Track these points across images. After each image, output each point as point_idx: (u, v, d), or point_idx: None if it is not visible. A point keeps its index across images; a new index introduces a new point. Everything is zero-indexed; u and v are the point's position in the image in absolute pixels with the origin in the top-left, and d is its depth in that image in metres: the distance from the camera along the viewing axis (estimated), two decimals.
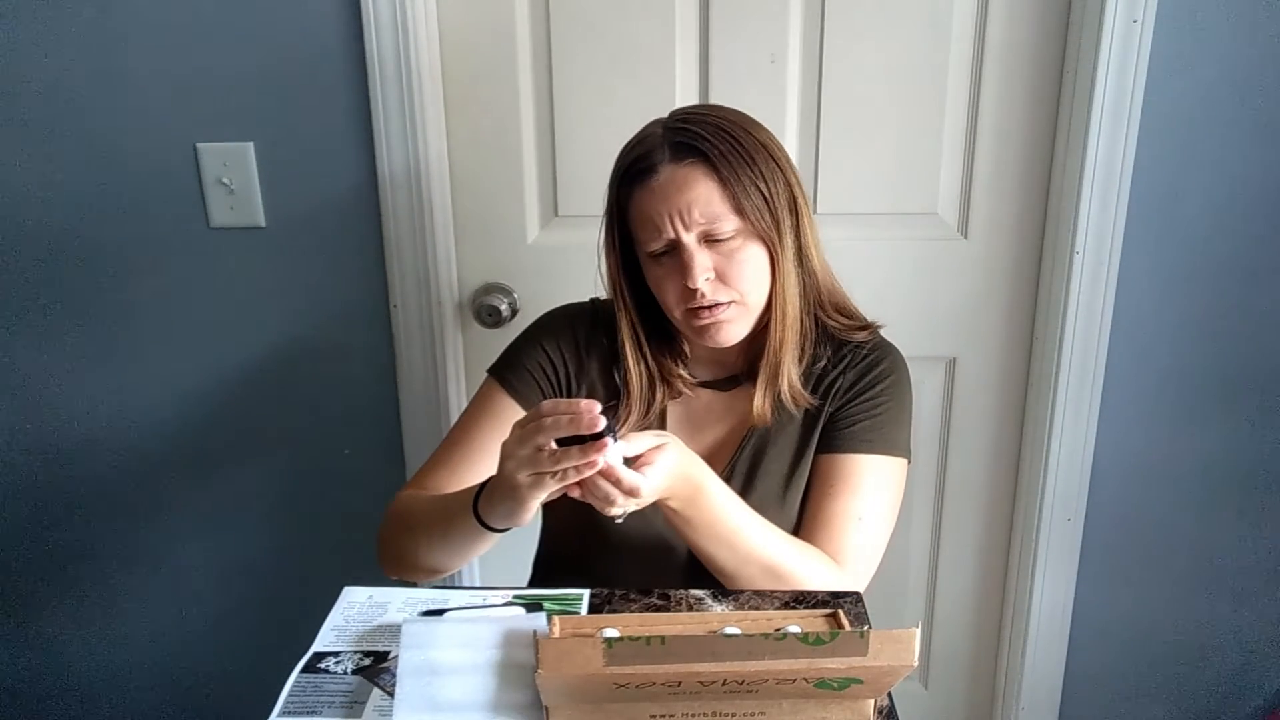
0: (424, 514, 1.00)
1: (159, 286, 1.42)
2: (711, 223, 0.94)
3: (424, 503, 1.01)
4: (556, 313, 1.14)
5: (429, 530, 0.97)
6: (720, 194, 0.94)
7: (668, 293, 0.99)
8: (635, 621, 0.78)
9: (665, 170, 0.95)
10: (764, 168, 0.96)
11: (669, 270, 0.98)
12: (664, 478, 0.87)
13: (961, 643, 1.63)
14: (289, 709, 0.74)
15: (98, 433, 1.50)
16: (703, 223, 0.94)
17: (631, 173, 0.98)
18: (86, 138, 1.35)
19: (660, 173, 0.95)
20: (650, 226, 0.96)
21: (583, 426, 0.77)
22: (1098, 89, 1.26)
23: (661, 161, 0.96)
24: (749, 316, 1.00)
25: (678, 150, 0.96)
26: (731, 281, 0.97)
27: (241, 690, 1.61)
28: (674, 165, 0.95)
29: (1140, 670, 1.56)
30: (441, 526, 0.95)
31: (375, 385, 1.46)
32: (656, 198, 0.95)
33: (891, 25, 1.31)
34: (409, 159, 1.33)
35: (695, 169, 0.95)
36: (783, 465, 1.06)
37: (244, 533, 1.55)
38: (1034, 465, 1.45)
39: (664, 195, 0.95)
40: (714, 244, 0.96)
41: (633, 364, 1.05)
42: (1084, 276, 1.34)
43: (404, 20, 1.27)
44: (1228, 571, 1.49)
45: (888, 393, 1.06)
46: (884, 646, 0.65)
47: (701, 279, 0.95)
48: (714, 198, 0.94)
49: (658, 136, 0.98)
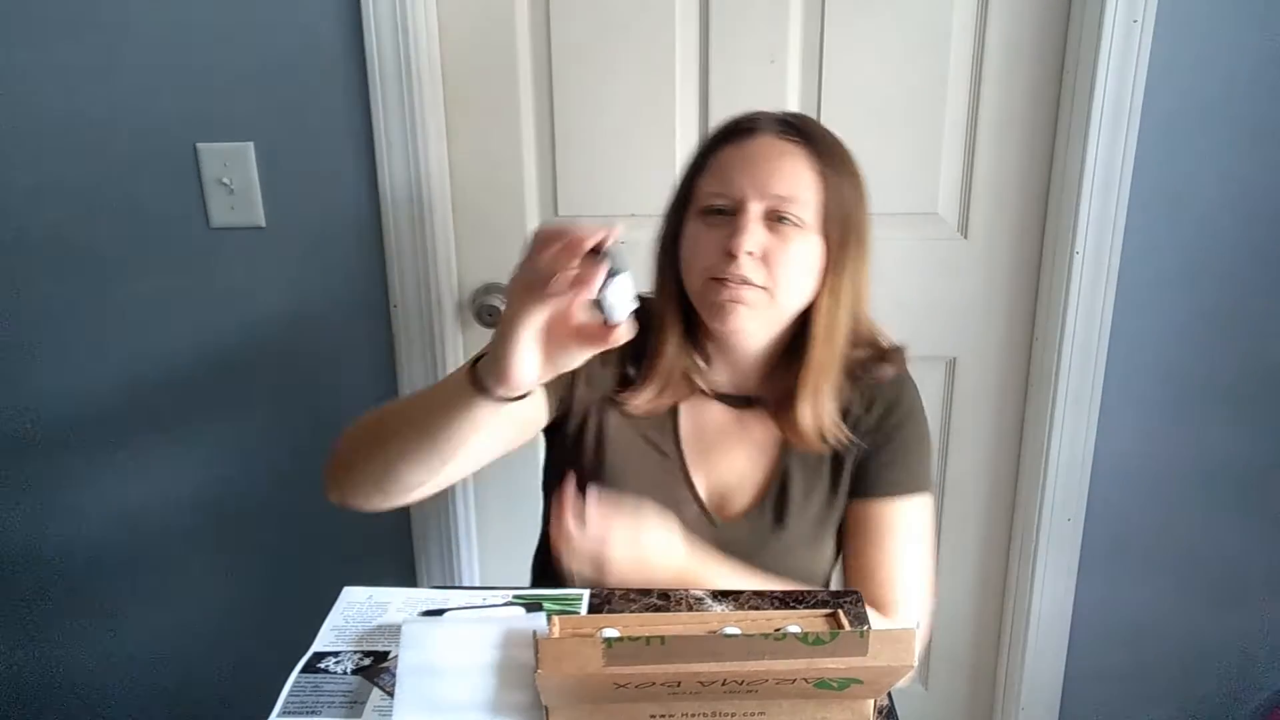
0: (400, 406, 0.91)
1: (159, 286, 1.42)
2: (786, 201, 0.92)
3: (399, 401, 0.94)
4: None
5: (409, 418, 0.85)
6: (808, 179, 0.93)
7: (702, 251, 0.94)
8: (635, 621, 0.78)
9: (765, 137, 0.94)
10: (855, 187, 0.97)
11: (715, 233, 0.93)
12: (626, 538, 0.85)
13: (961, 643, 1.63)
14: (289, 709, 0.74)
15: (97, 431, 1.50)
16: (777, 196, 0.92)
17: (729, 131, 0.97)
18: (86, 137, 1.35)
19: (760, 137, 0.94)
20: (723, 179, 0.94)
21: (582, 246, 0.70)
22: (1098, 89, 1.26)
23: (765, 130, 0.95)
24: (770, 312, 0.95)
25: (785, 127, 0.95)
26: (773, 267, 0.92)
27: (241, 690, 1.61)
28: (775, 137, 0.94)
29: (1140, 670, 1.56)
30: (424, 409, 0.83)
31: (375, 385, 1.46)
32: (745, 155, 0.94)
33: (891, 25, 1.31)
34: (409, 159, 1.33)
35: (795, 147, 0.94)
36: (815, 506, 1.03)
37: (244, 532, 1.55)
38: (1034, 465, 1.45)
39: (753, 157, 0.93)
40: (774, 225, 0.93)
41: (670, 338, 1.00)
42: (1084, 276, 1.34)
43: (404, 20, 1.27)
44: (1228, 572, 1.49)
45: (915, 430, 1.05)
46: (883, 646, 0.65)
47: (748, 248, 0.91)
48: (801, 179, 0.93)
49: (770, 114, 0.98)
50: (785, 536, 1.01)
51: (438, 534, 1.52)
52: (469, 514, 1.55)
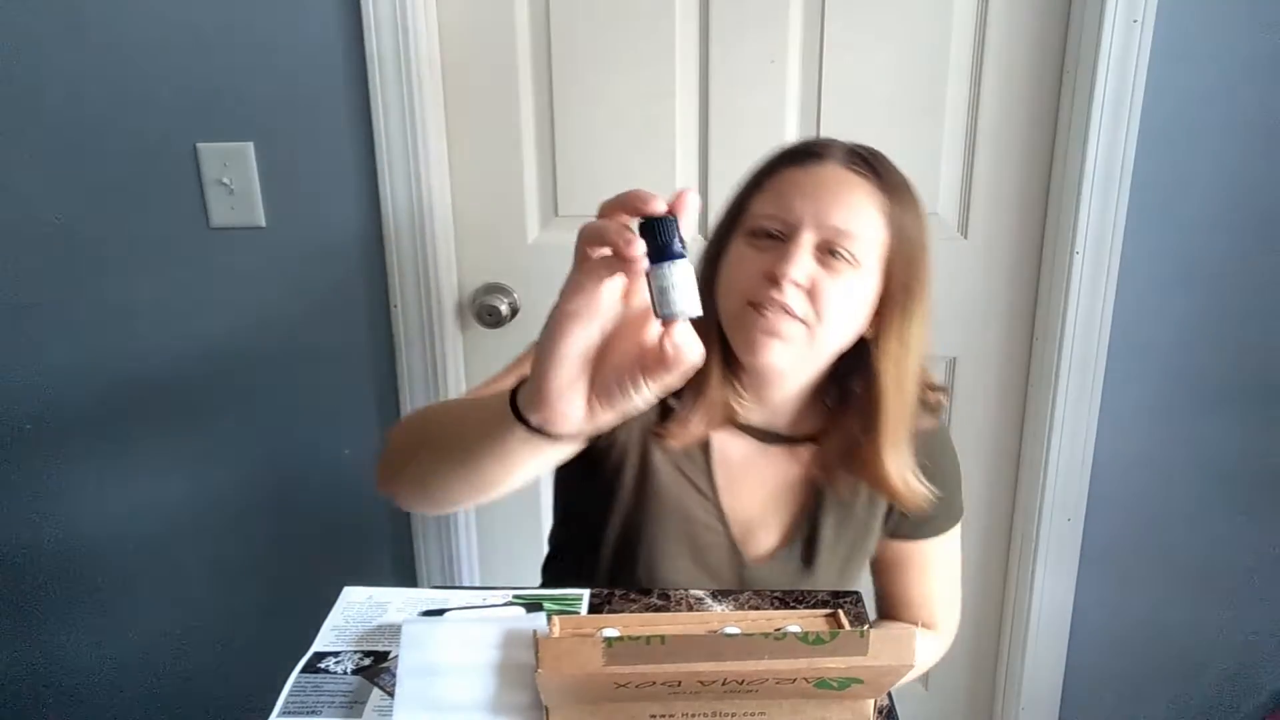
0: (447, 417, 0.82)
1: (159, 286, 1.42)
2: (843, 235, 0.85)
3: (449, 405, 0.86)
4: None
5: (452, 435, 0.74)
6: (871, 215, 0.87)
7: (745, 273, 0.88)
8: (635, 621, 0.78)
9: (832, 165, 0.88)
10: (921, 229, 0.91)
11: (761, 256, 0.87)
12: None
13: (961, 643, 1.62)
14: (289, 709, 0.74)
15: (97, 431, 1.50)
16: (835, 228, 0.85)
17: (795, 152, 0.91)
18: (86, 137, 1.35)
19: (826, 165, 0.89)
20: (780, 202, 0.87)
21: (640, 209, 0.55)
22: (1098, 89, 1.26)
23: (833, 158, 0.89)
24: (806, 350, 0.88)
25: (854, 157, 0.90)
26: (818, 301, 0.86)
27: (241, 690, 1.60)
28: (843, 166, 0.89)
29: (1140, 670, 1.56)
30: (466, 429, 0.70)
31: (375, 385, 1.46)
32: (808, 179, 0.88)
33: (891, 26, 1.31)
34: (409, 159, 1.33)
35: (862, 180, 0.88)
36: (845, 547, 1.01)
37: (244, 532, 1.55)
38: (1034, 465, 1.45)
39: (815, 184, 0.87)
40: (826, 258, 0.86)
41: (714, 365, 0.92)
42: (1084, 276, 1.34)
43: (404, 20, 1.27)
44: (1228, 571, 1.49)
45: (953, 472, 1.04)
46: (884, 646, 0.65)
47: (795, 276, 0.84)
48: (863, 214, 0.86)
49: (840, 142, 0.92)
50: (813, 579, 0.99)
51: (438, 534, 1.52)
52: (469, 514, 1.55)
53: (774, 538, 1.00)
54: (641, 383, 0.56)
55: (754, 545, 1.00)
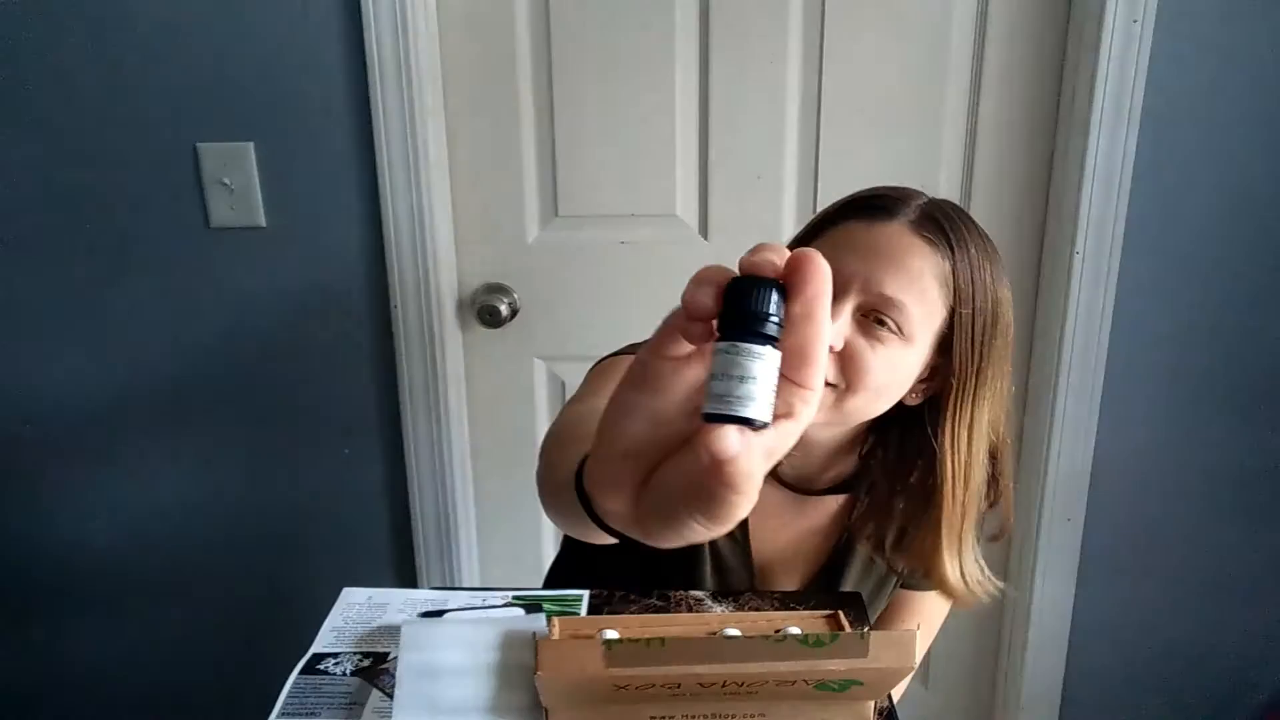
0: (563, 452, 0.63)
1: (159, 286, 1.42)
2: (892, 305, 0.79)
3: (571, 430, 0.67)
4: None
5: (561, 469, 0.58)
6: (929, 289, 0.79)
7: None
8: (635, 623, 0.78)
9: (898, 225, 0.81)
10: (999, 300, 0.83)
11: None
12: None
13: (961, 643, 1.63)
14: (288, 710, 0.74)
15: (97, 431, 1.50)
16: (883, 296, 0.79)
17: (862, 205, 0.83)
18: (86, 137, 1.35)
19: (893, 224, 0.81)
20: (832, 255, 0.75)
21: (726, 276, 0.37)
22: (1098, 89, 1.26)
23: (902, 217, 0.81)
24: (833, 415, 0.82)
25: (925, 219, 0.81)
26: (852, 369, 0.79)
27: (241, 691, 1.61)
28: (910, 228, 0.80)
29: (1140, 670, 1.56)
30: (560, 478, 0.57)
31: (375, 385, 1.46)
32: (867, 237, 0.80)
33: (891, 26, 1.31)
34: (409, 159, 1.33)
35: (928, 246, 0.80)
36: (871, 593, 0.99)
37: (243, 532, 1.55)
38: (1034, 466, 1.45)
39: (874, 243, 0.80)
40: (868, 325, 0.80)
41: None
42: (1084, 276, 1.34)
43: (404, 20, 1.27)
44: (1227, 572, 1.49)
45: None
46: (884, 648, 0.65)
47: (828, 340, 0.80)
48: (919, 285, 0.79)
49: (915, 197, 0.84)
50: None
51: (438, 534, 1.52)
52: (469, 514, 1.55)
53: (795, 582, 0.99)
54: (682, 512, 0.36)
55: (774, 587, 0.99)
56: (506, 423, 1.52)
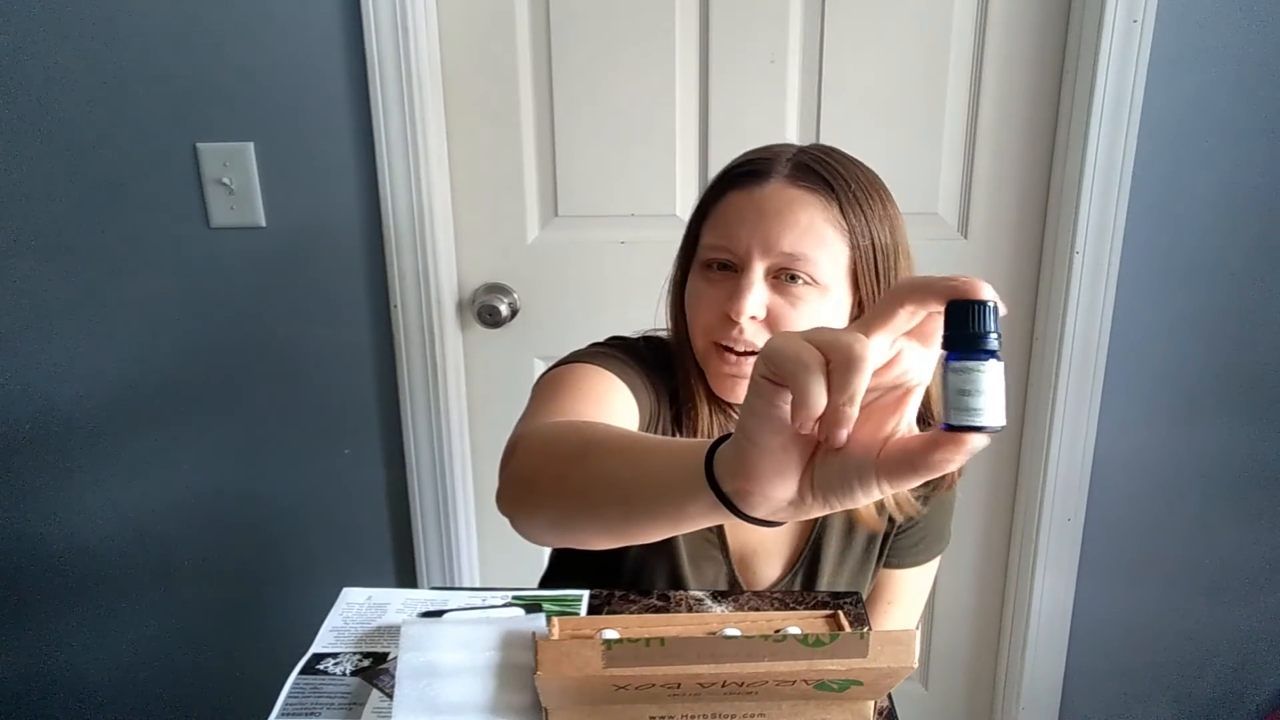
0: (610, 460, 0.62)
1: (159, 286, 1.42)
2: (796, 260, 0.81)
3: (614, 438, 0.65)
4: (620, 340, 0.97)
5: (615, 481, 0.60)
6: (826, 234, 0.81)
7: (702, 312, 0.86)
8: (634, 623, 0.78)
9: (776, 183, 0.83)
10: (892, 229, 0.85)
11: (716, 290, 0.84)
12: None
13: (961, 643, 1.63)
14: (287, 710, 0.74)
15: (97, 431, 1.50)
16: (786, 254, 0.81)
17: (737, 175, 0.86)
18: (86, 137, 1.35)
19: (769, 184, 0.83)
20: (726, 231, 0.83)
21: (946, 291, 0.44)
22: (1098, 89, 1.26)
23: (777, 174, 0.83)
24: None
25: (800, 170, 0.83)
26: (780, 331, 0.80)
27: (240, 692, 1.61)
28: (788, 183, 0.83)
29: (1140, 670, 1.56)
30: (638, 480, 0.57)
31: (375, 385, 1.46)
32: (751, 206, 0.83)
33: (891, 25, 1.31)
34: (409, 159, 1.33)
35: (810, 195, 0.82)
36: (847, 576, 1.00)
37: (243, 532, 1.55)
38: (1034, 465, 1.45)
39: (760, 208, 0.82)
40: (782, 284, 0.83)
41: (702, 398, 0.89)
42: (1084, 276, 1.34)
43: (404, 20, 1.27)
44: (1228, 571, 1.49)
45: (951, 499, 1.02)
46: (884, 648, 0.65)
47: (749, 313, 0.81)
48: (815, 234, 0.81)
49: (785, 151, 0.86)
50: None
51: (438, 534, 1.52)
52: (469, 514, 1.55)
53: (776, 569, 0.99)
54: (874, 483, 0.44)
55: (755, 577, 0.99)
56: (507, 423, 1.51)
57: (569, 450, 0.67)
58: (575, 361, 0.87)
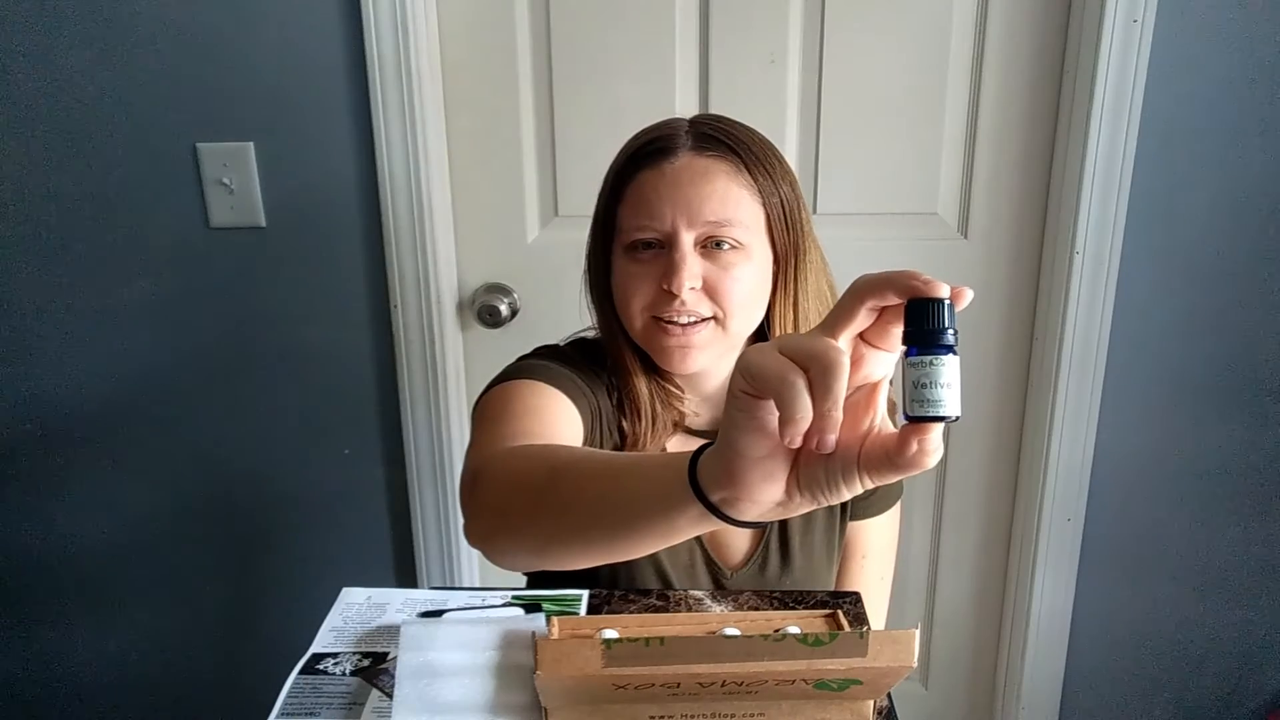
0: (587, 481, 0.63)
1: (159, 286, 1.42)
2: (721, 226, 0.84)
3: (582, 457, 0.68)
4: (547, 349, 1.00)
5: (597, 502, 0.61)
6: (742, 196, 0.85)
7: (637, 295, 0.87)
8: (634, 622, 0.78)
9: (684, 156, 0.85)
10: (791, 185, 0.89)
11: (647, 268, 0.86)
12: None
13: (961, 643, 1.62)
14: (287, 710, 0.74)
15: (97, 431, 1.50)
16: (711, 223, 0.84)
17: (643, 154, 0.87)
18: (86, 137, 1.35)
19: (678, 158, 0.85)
20: (647, 212, 0.85)
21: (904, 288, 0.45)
22: (1098, 89, 1.26)
23: (682, 147, 0.86)
24: (724, 343, 0.88)
25: (703, 140, 0.86)
26: (719, 296, 0.85)
27: (240, 691, 1.61)
28: (695, 154, 0.85)
29: (1140, 670, 1.56)
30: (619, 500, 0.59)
31: (375, 385, 1.46)
32: (666, 182, 0.85)
33: (891, 25, 1.31)
34: (409, 159, 1.33)
35: (719, 163, 0.85)
36: (818, 533, 1.00)
37: (243, 532, 1.55)
38: (1034, 465, 1.45)
39: (675, 182, 0.84)
40: (711, 252, 0.85)
41: (640, 380, 0.92)
42: (1084, 276, 1.34)
43: (404, 20, 1.27)
44: (1227, 571, 1.49)
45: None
46: (884, 647, 0.65)
47: (688, 285, 0.84)
48: (733, 198, 0.84)
49: (681, 125, 0.88)
50: (794, 576, 0.98)
51: (437, 534, 1.52)
52: None
53: (747, 543, 0.99)
54: (857, 477, 0.46)
55: (729, 554, 0.99)
56: None
57: (537, 479, 0.67)
58: (508, 380, 0.89)
